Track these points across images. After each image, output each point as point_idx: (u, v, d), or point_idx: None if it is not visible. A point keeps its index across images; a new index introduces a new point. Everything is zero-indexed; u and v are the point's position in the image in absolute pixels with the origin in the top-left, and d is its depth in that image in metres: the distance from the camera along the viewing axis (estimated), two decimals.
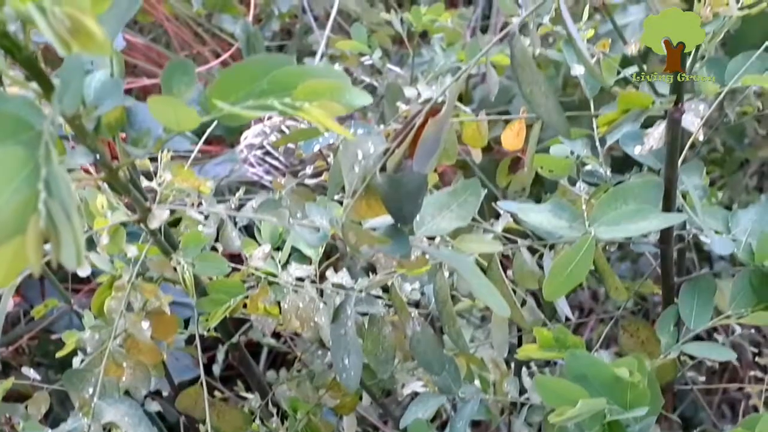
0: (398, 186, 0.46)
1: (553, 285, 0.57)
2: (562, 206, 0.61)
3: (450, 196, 0.52)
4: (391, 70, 1.25)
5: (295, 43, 1.59)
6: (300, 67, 0.42)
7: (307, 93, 0.41)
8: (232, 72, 0.42)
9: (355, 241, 0.46)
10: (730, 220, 0.65)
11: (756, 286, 0.61)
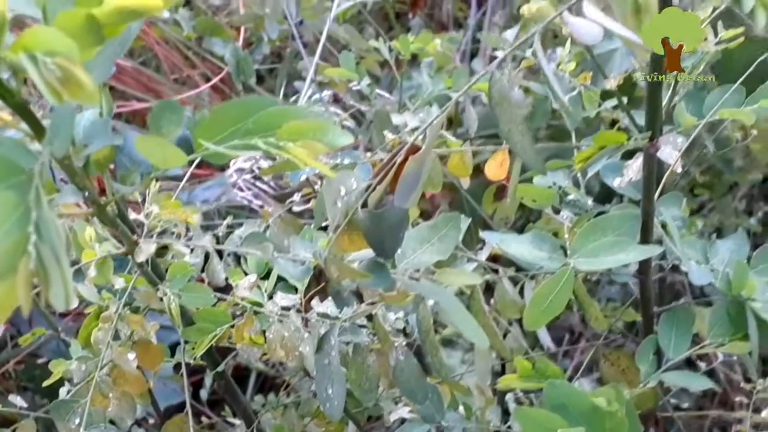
0: (379, 221, 0.47)
1: (534, 315, 0.58)
2: (542, 237, 0.62)
3: (431, 230, 0.53)
4: (381, 95, 1.27)
5: (285, 66, 1.61)
6: (284, 109, 0.44)
7: (290, 133, 0.43)
8: (219, 112, 0.44)
9: (338, 275, 0.48)
10: (709, 250, 0.67)
11: (733, 316, 0.63)
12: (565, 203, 0.73)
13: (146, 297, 0.58)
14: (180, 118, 0.45)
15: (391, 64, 1.12)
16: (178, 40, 1.70)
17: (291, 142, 0.43)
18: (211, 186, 1.48)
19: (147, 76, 1.71)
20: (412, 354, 0.62)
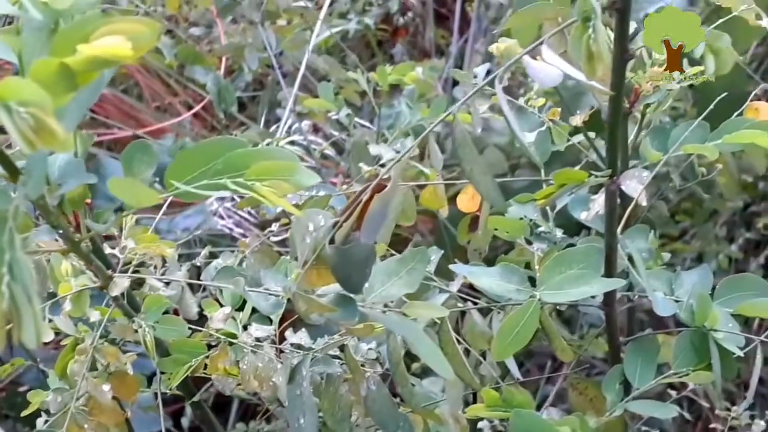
0: (346, 257, 0.50)
1: (501, 346, 0.61)
2: (511, 270, 0.65)
3: (399, 263, 0.56)
4: (361, 125, 1.29)
5: (267, 94, 1.64)
6: (252, 150, 0.46)
7: (258, 173, 0.45)
8: (189, 153, 0.46)
9: (305, 309, 0.50)
10: (674, 281, 0.69)
11: (697, 346, 0.65)
12: (536, 235, 0.76)
13: (121, 330, 0.60)
14: (152, 159, 0.47)
15: (369, 94, 1.14)
16: (159, 68, 1.72)
17: (259, 182, 0.45)
18: (192, 214, 1.49)
19: (129, 104, 1.74)
20: (383, 384, 0.64)
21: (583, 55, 0.45)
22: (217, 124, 1.75)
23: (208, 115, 1.76)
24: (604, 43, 0.44)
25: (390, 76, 1.11)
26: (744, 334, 0.66)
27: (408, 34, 1.94)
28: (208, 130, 1.80)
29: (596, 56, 0.45)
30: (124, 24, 0.38)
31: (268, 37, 1.25)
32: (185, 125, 1.73)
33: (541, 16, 0.54)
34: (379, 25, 1.99)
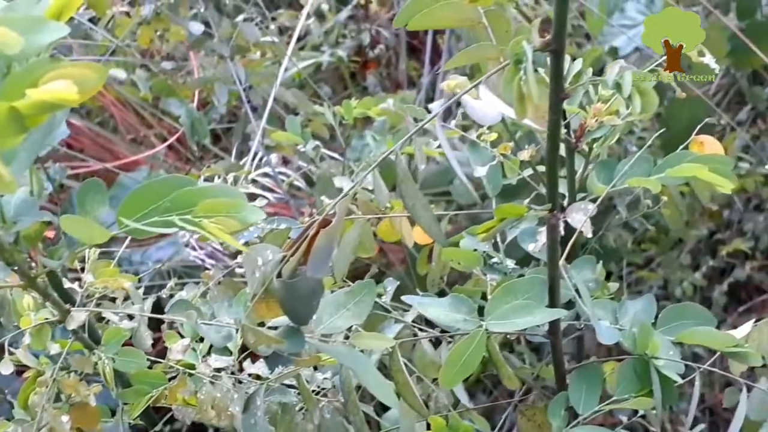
0: (293, 291, 0.51)
1: (449, 374, 0.62)
2: (460, 300, 0.67)
3: (347, 296, 0.57)
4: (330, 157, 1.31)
5: (240, 126, 1.66)
6: (200, 188, 0.48)
7: (206, 210, 0.47)
8: (140, 191, 0.48)
9: (254, 341, 0.51)
10: (618, 310, 0.71)
11: (639, 373, 0.67)
12: (489, 266, 0.78)
13: (80, 362, 0.62)
14: (104, 197, 0.49)
15: (336, 128, 1.16)
16: (134, 101, 1.74)
17: (206, 219, 0.47)
18: (164, 246, 1.51)
19: (104, 137, 1.75)
20: (337, 412, 0.66)
21: (515, 97, 0.48)
22: (191, 156, 1.77)
23: (183, 147, 1.77)
24: (534, 84, 0.46)
25: (355, 109, 1.13)
26: (684, 362, 0.68)
27: (378, 67, 1.97)
28: (183, 162, 1.82)
29: (527, 97, 0.47)
30: (71, 69, 0.40)
31: (238, 71, 1.27)
32: (159, 157, 1.75)
33: (484, 56, 0.56)
34: (353, 57, 2.02)
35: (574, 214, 0.68)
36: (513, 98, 0.47)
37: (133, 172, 1.68)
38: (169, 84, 1.52)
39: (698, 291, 1.94)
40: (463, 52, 0.55)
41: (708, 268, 1.92)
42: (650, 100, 0.54)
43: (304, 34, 1.99)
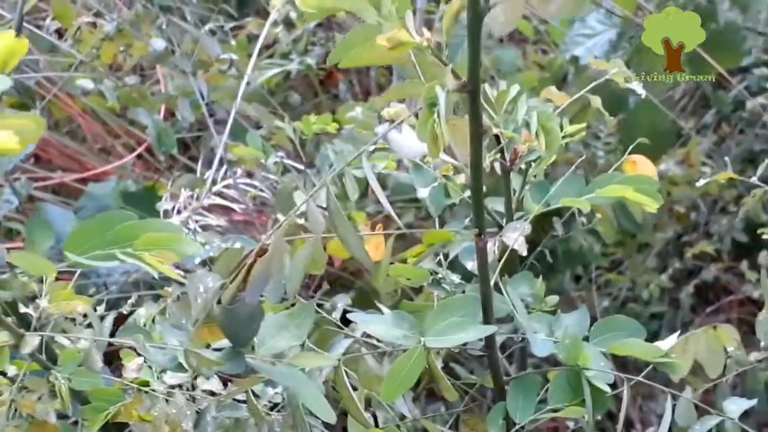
0: (233, 316, 0.56)
1: (390, 388, 0.67)
2: (402, 317, 0.71)
3: (288, 317, 0.62)
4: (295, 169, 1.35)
5: (208, 135, 1.69)
6: (140, 222, 0.52)
7: (146, 244, 0.52)
8: (84, 227, 0.52)
9: (197, 364, 0.56)
10: (554, 323, 0.76)
11: (572, 383, 0.72)
12: (435, 282, 0.82)
13: (36, 384, 0.66)
14: (50, 232, 0.53)
15: (296, 143, 1.21)
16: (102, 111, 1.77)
17: (147, 252, 0.51)
18: None
19: (72, 148, 1.79)
20: (286, 426, 0.70)
21: (429, 138, 0.52)
22: (159, 166, 1.81)
23: (151, 156, 1.81)
24: (446, 127, 0.51)
25: (314, 125, 1.18)
26: (614, 373, 0.73)
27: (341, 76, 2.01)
28: (152, 172, 1.86)
29: (440, 138, 0.52)
30: (12, 120, 0.45)
31: (200, 86, 1.31)
32: (128, 167, 1.78)
33: (413, 92, 0.61)
34: (322, 65, 2.06)
35: (509, 233, 0.73)
36: (427, 139, 0.52)
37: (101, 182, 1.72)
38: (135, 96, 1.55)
39: (666, 293, 1.99)
40: (394, 89, 0.59)
41: (675, 270, 1.98)
42: (554, 138, 0.59)
43: (273, 42, 2.03)
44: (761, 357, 0.82)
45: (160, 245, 0.51)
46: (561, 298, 1.98)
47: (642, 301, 2.00)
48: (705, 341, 0.89)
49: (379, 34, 0.54)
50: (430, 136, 0.52)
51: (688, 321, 2.02)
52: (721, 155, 2.12)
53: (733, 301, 2.00)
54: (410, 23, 0.53)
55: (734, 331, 0.88)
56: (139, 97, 1.51)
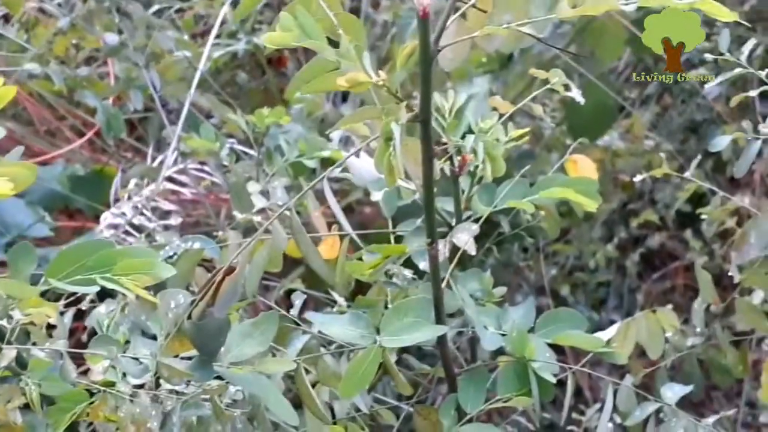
0: (202, 330, 0.61)
1: (348, 386, 0.73)
2: (358, 317, 0.77)
3: (252, 326, 0.67)
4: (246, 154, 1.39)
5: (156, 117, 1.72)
6: (118, 250, 0.57)
7: (123, 269, 0.57)
8: (65, 253, 0.57)
9: (167, 375, 0.61)
10: (501, 317, 0.83)
11: (519, 374, 0.79)
12: (388, 278, 0.88)
13: (9, 391, 0.70)
14: (33, 258, 0.58)
15: (249, 136, 1.25)
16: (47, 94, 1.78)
17: (124, 276, 0.56)
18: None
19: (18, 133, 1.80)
20: (249, 423, 0.76)
21: (385, 169, 0.58)
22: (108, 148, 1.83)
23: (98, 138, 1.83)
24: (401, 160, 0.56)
25: (267, 118, 1.22)
26: (558, 363, 0.80)
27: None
28: (99, 153, 1.88)
29: (396, 169, 0.57)
30: (8, 168, 0.49)
31: (152, 78, 1.34)
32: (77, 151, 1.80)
33: (369, 117, 0.66)
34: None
35: (459, 234, 0.79)
36: (384, 171, 0.57)
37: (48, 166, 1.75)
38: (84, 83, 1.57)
39: (612, 261, 2.08)
40: (350, 115, 0.64)
41: (621, 239, 2.07)
42: (498, 166, 0.64)
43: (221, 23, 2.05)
44: (697, 342, 0.90)
45: (136, 270, 0.56)
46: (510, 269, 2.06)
47: (589, 269, 2.08)
48: (646, 325, 0.97)
49: (336, 66, 0.59)
50: (386, 168, 0.58)
51: (634, 287, 2.12)
52: (665, 125, 2.21)
53: (678, 267, 2.10)
54: (367, 62, 0.58)
55: (673, 315, 0.96)
56: (88, 83, 1.53)
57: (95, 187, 1.72)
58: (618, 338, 0.94)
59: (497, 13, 0.59)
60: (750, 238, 0.82)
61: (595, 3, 0.56)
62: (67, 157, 1.79)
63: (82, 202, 1.71)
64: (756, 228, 0.82)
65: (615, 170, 2.13)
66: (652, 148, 2.05)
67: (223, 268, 0.62)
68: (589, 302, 2.10)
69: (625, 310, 2.07)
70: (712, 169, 1.96)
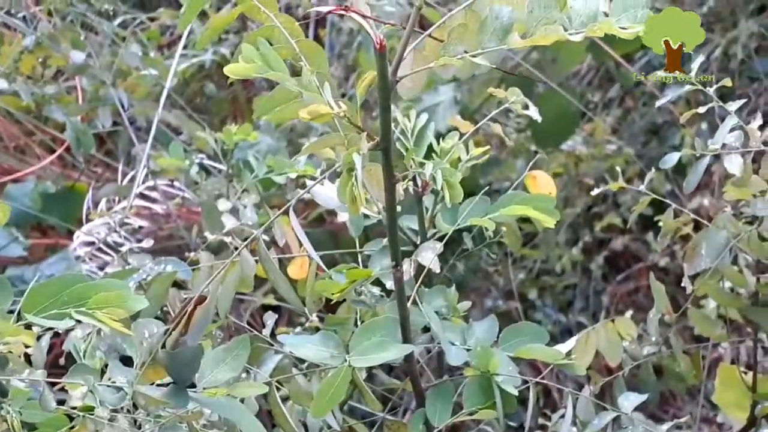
0: (176, 358, 0.63)
1: (319, 405, 0.75)
2: (328, 337, 0.79)
3: (225, 352, 0.70)
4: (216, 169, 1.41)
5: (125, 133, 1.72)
6: (92, 284, 0.59)
7: (98, 302, 0.59)
8: (40, 288, 0.59)
9: (144, 403, 0.63)
10: (466, 332, 0.85)
11: (484, 388, 0.82)
12: (356, 297, 0.91)
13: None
14: (8, 294, 0.60)
15: (218, 153, 1.27)
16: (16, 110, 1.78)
17: (99, 310, 0.58)
18: (55, 261, 1.59)
19: None
20: None
21: (348, 199, 0.60)
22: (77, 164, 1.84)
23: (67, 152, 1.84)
24: (362, 191, 0.59)
25: (236, 136, 1.24)
26: (520, 377, 0.82)
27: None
28: (69, 169, 1.89)
29: (358, 199, 0.60)
30: None
31: (120, 95, 1.36)
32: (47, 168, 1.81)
33: (332, 144, 0.69)
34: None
35: (423, 253, 0.82)
36: (347, 201, 0.60)
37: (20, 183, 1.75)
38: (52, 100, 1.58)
39: (578, 263, 2.12)
40: (313, 143, 0.67)
41: (586, 242, 2.11)
42: (456, 193, 0.67)
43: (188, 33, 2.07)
44: (653, 351, 0.93)
45: (110, 303, 0.58)
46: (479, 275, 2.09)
47: (555, 273, 2.12)
48: (605, 333, 1.00)
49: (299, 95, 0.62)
50: (349, 198, 0.60)
51: (600, 289, 2.16)
52: (627, 128, 2.25)
53: (642, 269, 2.14)
54: (328, 93, 0.61)
55: (631, 323, 1.00)
56: (56, 100, 1.54)
57: (67, 204, 1.73)
58: (579, 347, 0.97)
59: (452, 44, 0.61)
60: (701, 250, 0.85)
61: (544, 34, 0.59)
62: (37, 174, 1.79)
63: (54, 219, 1.72)
64: (706, 240, 0.86)
65: (579, 174, 2.16)
66: (614, 152, 2.09)
67: (195, 297, 0.64)
68: (556, 305, 2.14)
69: (591, 312, 2.12)
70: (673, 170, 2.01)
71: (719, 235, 0.86)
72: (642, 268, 2.16)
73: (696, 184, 0.82)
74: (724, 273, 0.86)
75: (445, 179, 0.67)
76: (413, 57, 0.63)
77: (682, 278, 0.90)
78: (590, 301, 2.17)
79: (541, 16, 0.59)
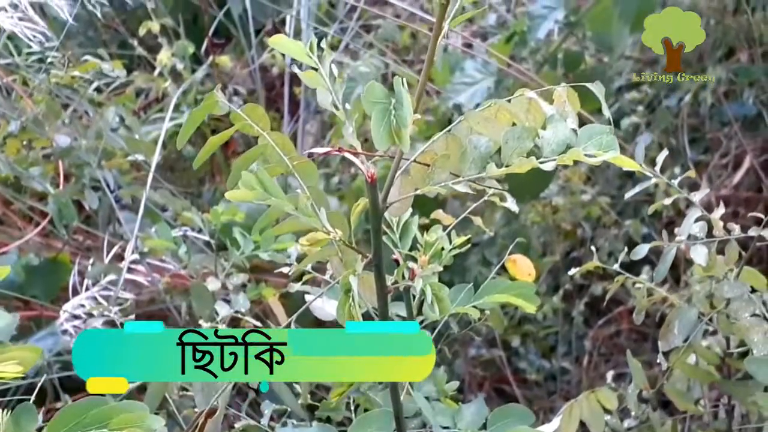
0: None
1: None
2: (326, 430, 0.86)
3: None
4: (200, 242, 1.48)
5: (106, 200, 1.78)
6: (113, 406, 0.66)
7: (118, 423, 0.65)
8: (66, 412, 0.66)
9: None
10: (456, 416, 0.93)
11: None
12: None
13: None
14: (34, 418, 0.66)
15: (204, 231, 1.34)
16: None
17: (119, 431, 0.65)
18: (44, 336, 1.64)
19: None
20: None
21: (345, 316, 0.67)
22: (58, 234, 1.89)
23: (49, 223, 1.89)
24: (359, 310, 0.66)
25: (222, 216, 1.31)
26: None
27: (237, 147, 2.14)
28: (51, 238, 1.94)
29: (355, 317, 0.67)
30: (14, 352, 0.58)
31: (105, 176, 1.42)
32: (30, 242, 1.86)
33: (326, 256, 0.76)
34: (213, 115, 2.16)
35: None
36: (344, 317, 0.67)
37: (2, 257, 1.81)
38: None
39: (559, 309, 2.20)
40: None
41: (566, 289, 2.19)
42: (445, 306, 0.75)
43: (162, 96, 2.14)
44: (633, 425, 1.01)
45: (130, 423, 0.65)
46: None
47: (537, 321, 2.20)
48: (587, 405, 1.07)
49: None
50: (347, 315, 0.67)
51: (582, 334, 2.24)
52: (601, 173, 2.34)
53: (622, 312, 2.22)
54: (323, 218, 0.68)
55: (612, 395, 1.07)
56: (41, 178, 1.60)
57: (50, 276, 1.79)
58: (564, 418, 1.05)
59: (436, 172, 0.69)
60: (674, 329, 0.93)
61: (519, 164, 0.67)
62: (20, 247, 1.85)
63: (37, 290, 1.77)
64: (679, 318, 0.94)
65: (555, 221, 2.25)
66: (589, 200, 2.18)
67: (205, 410, 0.71)
68: (539, 351, 2.22)
69: (575, 356, 2.19)
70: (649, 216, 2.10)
71: (690, 312, 0.94)
72: (622, 311, 2.24)
73: (665, 274, 0.90)
74: (695, 349, 0.94)
75: (434, 294, 0.75)
76: (401, 181, 0.71)
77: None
78: (573, 345, 2.24)
79: (516, 146, 0.67)
